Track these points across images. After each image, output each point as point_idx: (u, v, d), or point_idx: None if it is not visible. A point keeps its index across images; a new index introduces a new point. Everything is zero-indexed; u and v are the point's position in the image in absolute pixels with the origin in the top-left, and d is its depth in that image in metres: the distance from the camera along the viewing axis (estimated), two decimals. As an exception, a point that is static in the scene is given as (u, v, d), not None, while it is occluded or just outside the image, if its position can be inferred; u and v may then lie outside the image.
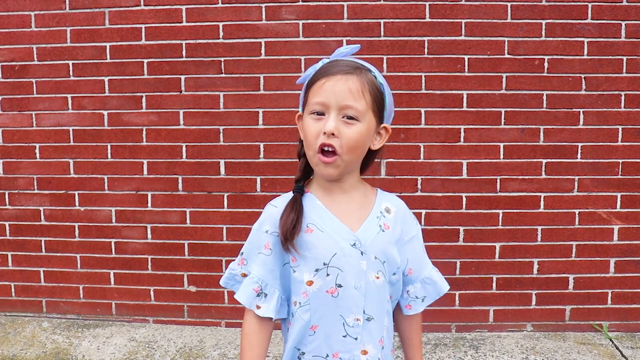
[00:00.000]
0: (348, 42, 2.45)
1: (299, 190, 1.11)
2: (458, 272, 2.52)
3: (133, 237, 2.61)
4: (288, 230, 1.05)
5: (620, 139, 2.44)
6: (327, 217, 1.09)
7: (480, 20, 2.41)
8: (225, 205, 2.57)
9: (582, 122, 2.44)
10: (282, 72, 2.47)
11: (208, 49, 2.49)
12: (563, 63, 2.41)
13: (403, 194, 2.47)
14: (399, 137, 2.47)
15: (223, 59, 2.49)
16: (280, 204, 1.12)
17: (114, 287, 2.65)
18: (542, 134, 2.45)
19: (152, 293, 2.64)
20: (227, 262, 2.54)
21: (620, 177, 2.46)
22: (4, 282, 2.70)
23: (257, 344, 1.11)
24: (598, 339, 2.47)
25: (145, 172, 2.58)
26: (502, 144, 2.47)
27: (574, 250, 2.50)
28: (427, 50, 2.44)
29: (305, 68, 2.45)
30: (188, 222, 2.59)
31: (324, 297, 1.08)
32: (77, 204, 2.62)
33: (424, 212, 2.50)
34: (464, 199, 2.50)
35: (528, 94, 2.44)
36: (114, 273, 2.64)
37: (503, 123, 2.46)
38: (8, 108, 2.60)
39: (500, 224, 2.50)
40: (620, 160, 2.45)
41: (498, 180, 2.48)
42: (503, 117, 2.45)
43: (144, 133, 2.56)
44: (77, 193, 2.62)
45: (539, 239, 2.50)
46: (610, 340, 2.46)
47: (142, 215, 2.60)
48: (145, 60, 2.52)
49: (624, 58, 2.40)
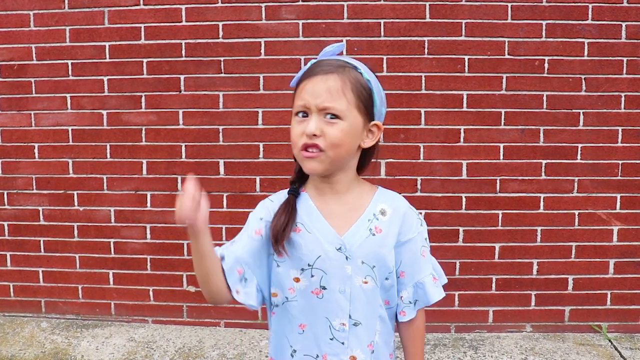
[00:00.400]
0: (348, 42, 2.44)
1: (293, 192, 1.12)
2: (457, 272, 2.52)
3: (132, 237, 2.61)
4: (278, 233, 1.06)
5: (620, 140, 2.44)
6: (316, 217, 1.09)
7: (481, 21, 2.40)
8: (225, 205, 2.56)
9: (582, 123, 2.44)
10: (281, 71, 2.47)
11: (208, 49, 2.48)
12: (563, 64, 2.41)
13: (403, 194, 2.45)
14: (399, 137, 2.46)
15: (223, 59, 2.48)
16: (277, 200, 1.13)
17: (113, 287, 2.65)
18: (542, 135, 2.45)
19: (151, 293, 2.64)
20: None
21: (620, 178, 2.46)
22: (3, 282, 2.70)
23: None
24: (597, 340, 2.47)
25: (145, 171, 2.57)
26: (502, 145, 2.47)
27: (574, 251, 2.50)
28: (427, 51, 2.44)
29: (305, 68, 2.46)
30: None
31: (310, 297, 1.08)
32: (76, 204, 2.62)
33: (424, 212, 2.49)
34: (464, 200, 2.50)
35: (528, 95, 2.43)
36: (113, 273, 2.64)
37: (503, 123, 2.45)
38: (7, 108, 2.59)
39: (500, 225, 2.50)
40: (620, 162, 2.45)
41: (498, 181, 2.48)
42: (503, 117, 2.45)
43: (143, 133, 2.55)
44: (76, 193, 2.61)
45: (539, 240, 2.50)
46: (610, 341, 2.46)
47: (141, 215, 2.60)
48: (145, 60, 2.51)
49: (624, 59, 2.39)
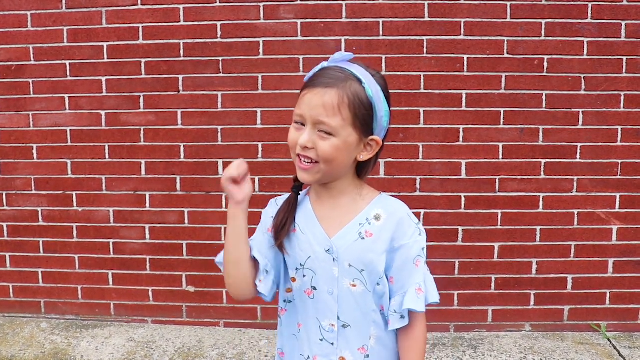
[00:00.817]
0: (347, 41, 2.44)
1: (296, 190, 1.14)
2: (457, 272, 2.52)
3: (131, 237, 2.61)
4: (277, 231, 1.11)
5: (620, 139, 2.44)
6: (310, 219, 1.12)
7: (480, 20, 2.39)
8: (224, 205, 2.56)
9: (581, 122, 2.43)
10: (280, 71, 2.46)
11: (206, 49, 2.48)
12: (562, 63, 2.40)
13: (402, 194, 2.46)
14: (398, 136, 2.46)
15: (221, 59, 2.48)
16: (282, 198, 1.18)
17: (113, 287, 2.65)
18: (541, 134, 2.45)
19: (150, 293, 2.64)
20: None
21: (620, 177, 2.45)
22: (3, 283, 2.70)
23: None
24: (596, 339, 2.48)
25: (143, 172, 2.57)
26: (501, 144, 2.46)
27: (573, 251, 2.50)
28: (426, 50, 2.43)
29: (304, 67, 2.46)
30: (186, 222, 2.58)
31: (304, 296, 1.12)
32: (75, 205, 2.61)
33: (423, 212, 2.49)
34: (463, 199, 2.49)
35: (527, 94, 2.43)
36: (113, 273, 2.64)
37: (502, 123, 2.45)
38: (5, 108, 2.58)
39: (499, 224, 2.50)
40: (620, 161, 2.45)
41: (497, 180, 2.48)
42: (502, 117, 2.45)
43: (142, 133, 2.55)
44: (75, 193, 2.61)
45: (538, 239, 2.50)
46: (608, 340, 2.46)
47: (140, 216, 2.60)
48: (143, 60, 2.50)
49: (624, 58, 2.39)
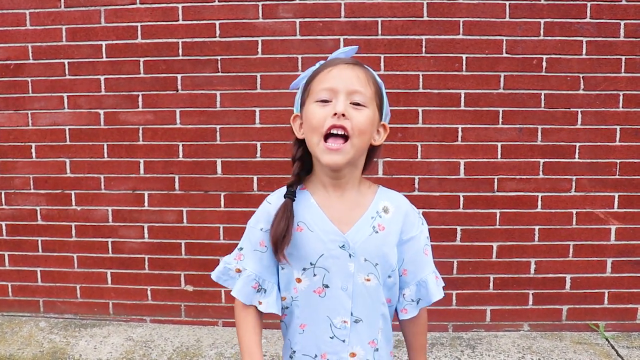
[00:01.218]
0: (345, 40, 2.43)
1: (291, 196, 1.08)
2: (455, 271, 2.52)
3: (130, 236, 2.61)
4: (278, 241, 1.05)
5: (618, 139, 2.44)
6: (318, 216, 1.08)
7: (479, 19, 2.39)
8: (222, 205, 2.56)
9: (580, 121, 2.43)
10: (279, 70, 2.46)
11: (204, 48, 2.47)
12: (561, 62, 2.40)
13: (400, 194, 2.46)
14: (397, 136, 2.46)
15: (220, 58, 2.48)
16: (275, 202, 1.12)
17: (111, 286, 2.65)
18: (539, 134, 2.45)
19: (149, 292, 2.64)
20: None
21: (618, 177, 2.45)
22: (1, 282, 2.70)
23: (258, 334, 1.12)
24: (594, 339, 2.48)
25: (142, 171, 2.57)
26: (499, 144, 2.46)
27: (571, 250, 2.50)
28: (424, 49, 2.43)
29: (303, 67, 2.45)
30: (185, 221, 2.58)
31: (312, 296, 1.08)
32: (73, 204, 2.61)
33: (421, 211, 2.48)
34: (462, 199, 2.49)
35: (526, 94, 2.43)
36: (111, 273, 2.64)
37: (501, 122, 2.45)
38: (3, 107, 2.58)
39: (498, 224, 2.50)
40: (618, 161, 2.45)
41: (495, 180, 2.48)
42: (501, 116, 2.44)
43: (141, 132, 2.55)
44: (73, 192, 2.61)
45: (536, 239, 2.50)
46: (607, 340, 2.46)
47: (138, 215, 2.60)
48: (142, 59, 2.50)
49: (623, 58, 2.38)
